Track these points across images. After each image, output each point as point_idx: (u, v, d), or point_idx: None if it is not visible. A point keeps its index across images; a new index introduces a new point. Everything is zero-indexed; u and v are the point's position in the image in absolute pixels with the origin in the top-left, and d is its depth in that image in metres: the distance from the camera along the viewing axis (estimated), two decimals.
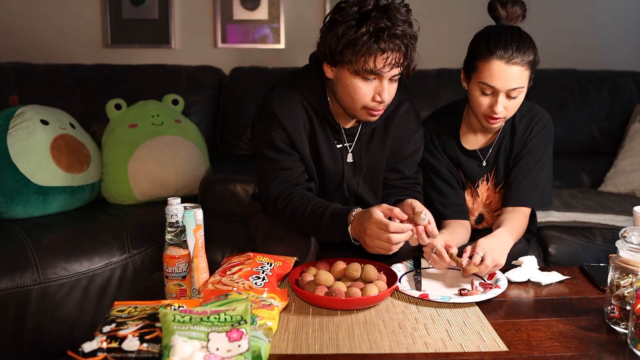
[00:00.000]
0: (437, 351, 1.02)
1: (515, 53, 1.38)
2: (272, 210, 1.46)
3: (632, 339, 1.01)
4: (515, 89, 1.40)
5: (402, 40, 1.27)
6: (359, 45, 1.26)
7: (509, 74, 1.38)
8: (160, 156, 2.20)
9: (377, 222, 1.21)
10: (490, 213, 1.67)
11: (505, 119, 1.47)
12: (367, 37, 1.25)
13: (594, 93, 2.64)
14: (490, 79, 1.39)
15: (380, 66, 1.28)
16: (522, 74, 1.39)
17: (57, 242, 1.81)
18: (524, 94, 1.44)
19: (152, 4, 2.80)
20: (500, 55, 1.38)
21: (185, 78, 2.58)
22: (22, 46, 2.79)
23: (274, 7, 2.84)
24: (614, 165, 2.46)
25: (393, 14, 1.27)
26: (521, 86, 1.40)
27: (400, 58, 1.29)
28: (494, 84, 1.39)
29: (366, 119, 1.40)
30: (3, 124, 1.98)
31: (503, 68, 1.38)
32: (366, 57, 1.27)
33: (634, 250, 1.06)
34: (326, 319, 1.14)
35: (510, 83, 1.39)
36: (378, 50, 1.26)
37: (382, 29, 1.25)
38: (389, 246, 1.22)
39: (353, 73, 1.31)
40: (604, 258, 1.81)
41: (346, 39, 1.27)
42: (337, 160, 1.49)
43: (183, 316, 0.92)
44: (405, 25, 1.28)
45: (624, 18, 2.94)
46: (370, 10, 1.27)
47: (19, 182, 1.91)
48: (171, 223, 1.16)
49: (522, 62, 1.38)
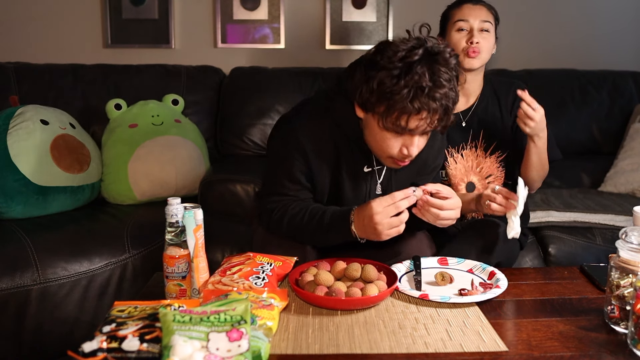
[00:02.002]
0: (437, 351, 1.02)
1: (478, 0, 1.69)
2: (267, 221, 1.43)
3: (632, 339, 1.01)
4: (485, 22, 1.65)
5: (441, 102, 1.19)
6: (395, 101, 1.18)
7: (478, 11, 1.66)
8: (160, 156, 2.20)
9: (381, 201, 1.21)
10: (482, 180, 1.71)
11: (481, 57, 1.64)
12: (405, 94, 1.17)
13: (594, 93, 2.64)
14: (462, 14, 1.66)
15: (412, 126, 1.21)
16: (488, 13, 1.67)
17: (57, 242, 1.81)
18: (492, 39, 1.67)
19: (152, 4, 2.80)
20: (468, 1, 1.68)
21: (185, 78, 2.58)
22: (22, 46, 2.79)
23: (274, 7, 2.84)
24: (614, 165, 2.46)
25: (438, 69, 1.19)
26: (489, 21, 1.66)
27: (435, 119, 1.21)
28: (467, 17, 1.65)
29: (391, 166, 1.35)
30: (3, 124, 1.98)
31: (471, 7, 1.67)
32: (399, 114, 1.19)
33: (634, 250, 1.06)
34: (326, 319, 1.14)
35: (480, 15, 1.65)
36: (413, 110, 1.18)
37: (421, 88, 1.17)
38: (399, 221, 1.22)
39: (381, 127, 1.24)
40: (604, 258, 1.81)
41: (382, 90, 1.19)
42: (360, 186, 1.41)
43: (183, 316, 0.92)
44: (448, 86, 1.20)
45: (624, 18, 2.94)
46: (416, 61, 1.18)
47: (19, 182, 1.91)
48: (171, 223, 1.16)
49: (486, 6, 1.68)
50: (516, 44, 2.90)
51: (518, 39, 2.90)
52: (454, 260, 1.43)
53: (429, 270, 1.38)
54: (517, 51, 2.89)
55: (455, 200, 1.29)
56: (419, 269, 1.35)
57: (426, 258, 1.43)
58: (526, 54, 2.90)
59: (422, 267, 1.38)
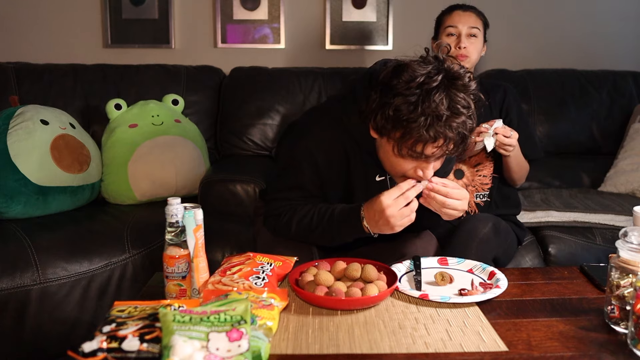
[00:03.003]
0: (437, 351, 1.02)
1: (468, 7, 1.83)
2: (274, 224, 1.43)
3: (632, 339, 1.01)
4: (473, 28, 1.78)
5: (458, 131, 1.18)
6: (411, 128, 1.16)
7: (467, 17, 1.80)
8: (160, 156, 2.20)
9: (390, 194, 1.22)
10: (471, 169, 1.79)
11: (469, 60, 1.78)
12: (422, 122, 1.14)
13: (594, 93, 2.64)
14: (452, 20, 1.81)
15: (428, 153, 1.20)
16: (476, 19, 1.81)
17: (57, 242, 1.81)
18: (480, 43, 1.81)
19: (152, 4, 2.80)
20: (457, 7, 1.83)
21: (185, 78, 2.58)
22: (22, 46, 2.79)
23: (274, 7, 2.84)
24: (614, 165, 2.46)
25: (456, 96, 1.17)
26: (476, 27, 1.79)
27: (451, 145, 1.20)
28: (456, 23, 1.79)
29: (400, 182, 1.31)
30: (3, 124, 1.98)
31: (461, 13, 1.82)
32: (415, 142, 1.18)
33: (634, 250, 1.06)
34: (326, 319, 1.14)
35: (468, 21, 1.79)
36: (430, 138, 1.16)
37: (439, 117, 1.15)
38: (410, 210, 1.23)
39: (397, 154, 1.23)
40: (604, 258, 1.81)
41: (398, 116, 1.17)
42: (373, 195, 1.33)
43: (183, 316, 0.92)
44: (466, 114, 1.18)
45: (624, 18, 2.94)
46: (434, 88, 1.15)
47: (19, 182, 1.91)
48: (171, 223, 1.16)
49: (475, 12, 1.82)
50: (516, 44, 2.90)
51: (518, 39, 2.91)
52: (454, 260, 1.43)
53: (429, 270, 1.39)
54: (517, 51, 2.89)
55: (463, 192, 1.28)
56: (419, 269, 1.35)
57: (426, 258, 1.44)
58: (526, 54, 2.90)
59: (422, 267, 1.38)
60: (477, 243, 1.53)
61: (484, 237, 1.54)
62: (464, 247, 1.53)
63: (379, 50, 2.88)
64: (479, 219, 1.61)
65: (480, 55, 1.84)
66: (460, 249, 1.53)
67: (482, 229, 1.55)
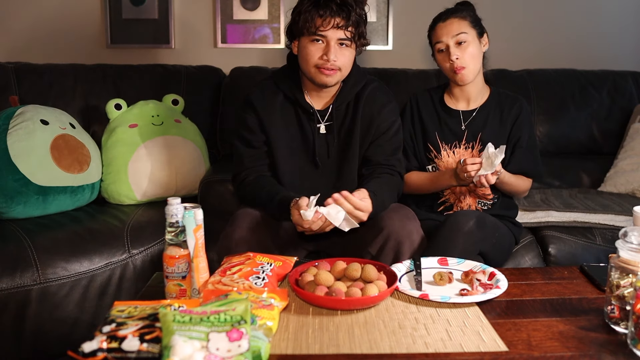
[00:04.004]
0: (437, 351, 1.02)
1: (448, 14, 1.76)
2: (242, 194, 1.70)
3: (632, 339, 1.01)
4: (458, 35, 1.71)
5: (341, 7, 1.52)
6: (303, 12, 1.55)
7: (448, 27, 1.73)
8: (160, 156, 2.21)
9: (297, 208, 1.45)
10: None
11: (468, 69, 1.73)
12: (308, 4, 1.55)
13: (594, 93, 2.64)
14: (437, 36, 1.76)
15: (320, 26, 1.53)
16: (460, 23, 1.73)
17: (57, 242, 1.81)
18: (474, 45, 1.73)
19: (152, 4, 2.80)
20: (438, 19, 1.78)
21: (185, 78, 2.58)
22: (22, 46, 2.79)
23: (274, 7, 2.84)
24: (614, 165, 2.46)
25: None
26: (463, 32, 1.71)
27: (340, 22, 1.53)
28: (440, 37, 1.74)
29: (321, 80, 1.59)
30: (3, 124, 1.98)
31: (442, 25, 1.75)
32: (309, 20, 1.54)
33: (634, 250, 1.06)
34: (326, 319, 1.14)
35: (451, 31, 1.72)
36: (316, 14, 1.53)
37: None
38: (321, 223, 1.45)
39: (305, 39, 1.58)
40: (604, 258, 1.81)
41: (297, 11, 1.59)
42: (308, 136, 1.68)
43: (183, 316, 0.92)
44: None
45: (624, 18, 2.94)
46: None
47: (19, 182, 1.91)
48: (171, 223, 1.16)
49: (455, 17, 1.74)
50: (516, 44, 2.90)
51: (518, 39, 2.91)
52: (454, 260, 1.43)
53: (429, 270, 1.39)
54: (517, 51, 2.89)
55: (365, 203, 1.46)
56: (419, 269, 1.35)
57: (426, 258, 1.44)
58: (526, 54, 2.90)
59: (422, 267, 1.38)
60: (460, 236, 1.54)
61: (468, 230, 1.54)
62: (448, 241, 1.54)
63: (379, 50, 2.88)
64: (464, 214, 1.61)
65: (481, 52, 1.77)
66: (444, 243, 1.53)
67: (466, 223, 1.56)
